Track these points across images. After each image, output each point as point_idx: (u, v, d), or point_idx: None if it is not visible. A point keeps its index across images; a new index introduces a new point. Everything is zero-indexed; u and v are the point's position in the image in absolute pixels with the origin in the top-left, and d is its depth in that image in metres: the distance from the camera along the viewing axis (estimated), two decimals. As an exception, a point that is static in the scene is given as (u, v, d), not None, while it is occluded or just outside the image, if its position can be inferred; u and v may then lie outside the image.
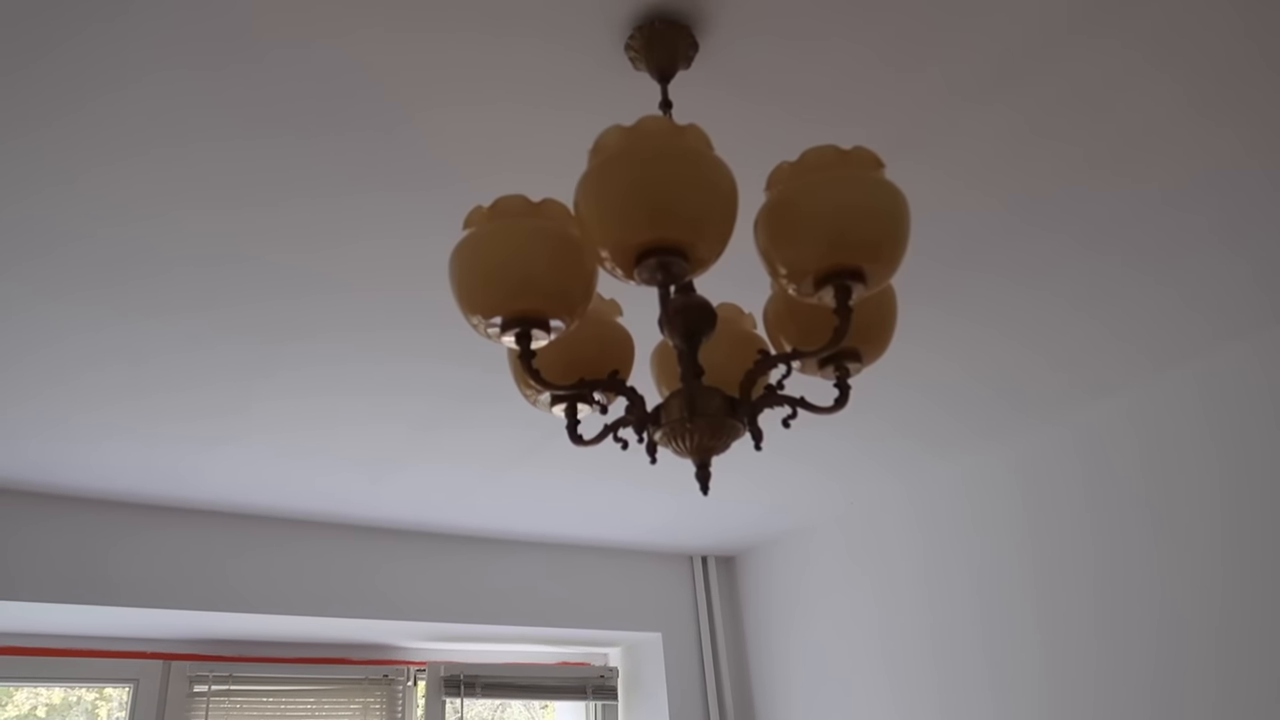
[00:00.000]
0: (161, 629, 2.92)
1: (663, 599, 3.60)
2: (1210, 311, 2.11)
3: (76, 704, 3.06)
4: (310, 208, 1.59)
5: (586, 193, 0.96)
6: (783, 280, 1.03)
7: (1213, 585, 2.25)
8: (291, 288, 1.80)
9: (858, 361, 1.16)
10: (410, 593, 3.12)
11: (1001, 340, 2.18)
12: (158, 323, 1.88)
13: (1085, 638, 2.49)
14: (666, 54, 1.28)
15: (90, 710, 3.06)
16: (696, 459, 1.06)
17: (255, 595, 2.87)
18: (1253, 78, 1.44)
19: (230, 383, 2.13)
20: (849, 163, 1.00)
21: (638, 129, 0.94)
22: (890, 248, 0.99)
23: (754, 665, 3.56)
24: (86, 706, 3.05)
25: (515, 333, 1.03)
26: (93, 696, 3.01)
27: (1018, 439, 2.75)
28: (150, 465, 2.51)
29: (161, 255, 1.68)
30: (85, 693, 3.02)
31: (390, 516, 3.03)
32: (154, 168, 1.47)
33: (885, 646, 3.05)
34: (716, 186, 0.94)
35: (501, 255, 1.01)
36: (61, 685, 2.91)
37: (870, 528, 3.19)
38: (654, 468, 2.79)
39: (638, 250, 0.94)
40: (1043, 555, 2.64)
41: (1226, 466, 2.27)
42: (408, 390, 2.22)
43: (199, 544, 2.83)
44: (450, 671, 3.33)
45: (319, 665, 3.21)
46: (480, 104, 1.39)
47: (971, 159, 1.58)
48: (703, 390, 1.05)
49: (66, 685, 2.92)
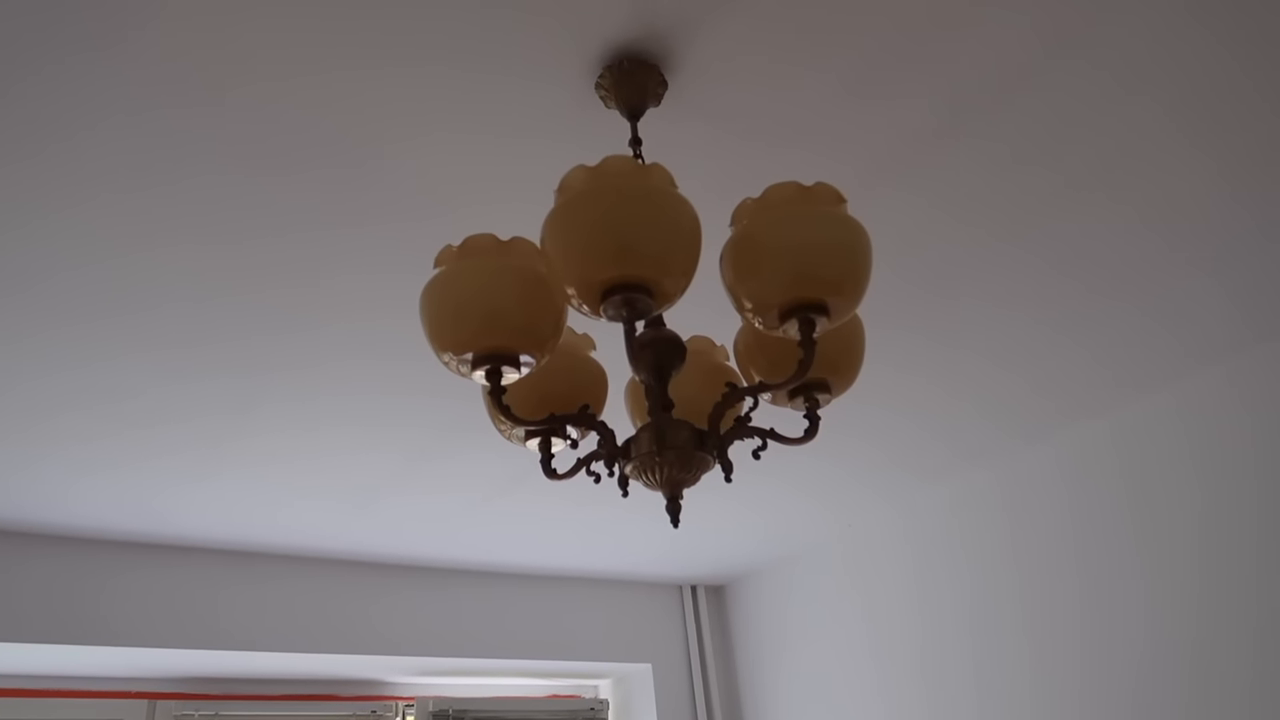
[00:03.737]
0: (146, 668, 2.90)
1: (652, 630, 3.59)
2: (1187, 336, 2.14)
3: None
4: (287, 244, 1.60)
5: (552, 231, 0.98)
6: (748, 314, 1.05)
7: (1195, 605, 2.26)
8: (271, 323, 1.81)
9: (827, 392, 1.18)
10: (398, 627, 3.10)
11: (985, 365, 2.20)
12: (136, 360, 1.88)
13: (1071, 658, 2.50)
14: (636, 92, 1.30)
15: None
16: (666, 491, 1.07)
17: (240, 632, 2.85)
18: (1229, 101, 1.47)
19: (211, 419, 2.13)
20: (811, 199, 1.02)
21: (601, 168, 0.96)
22: (852, 282, 1.01)
23: (745, 694, 3.54)
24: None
25: (486, 369, 1.04)
26: None
27: (1002, 462, 2.77)
28: (130, 502, 2.50)
29: (143, 292, 1.69)
30: None
31: (376, 550, 3.03)
32: (129, 206, 1.48)
33: (876, 672, 3.04)
34: (679, 224, 0.96)
35: (471, 293, 1.02)
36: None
37: (859, 553, 3.19)
38: (642, 499, 2.79)
39: (603, 287, 0.96)
40: (1029, 577, 2.65)
41: (1206, 487, 2.29)
42: (390, 423, 2.22)
43: (183, 581, 2.82)
44: (439, 706, 3.30)
45: (306, 702, 3.19)
46: (454, 142, 1.41)
47: (950, 188, 1.61)
48: (672, 423, 1.06)
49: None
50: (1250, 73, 1.41)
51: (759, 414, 2.28)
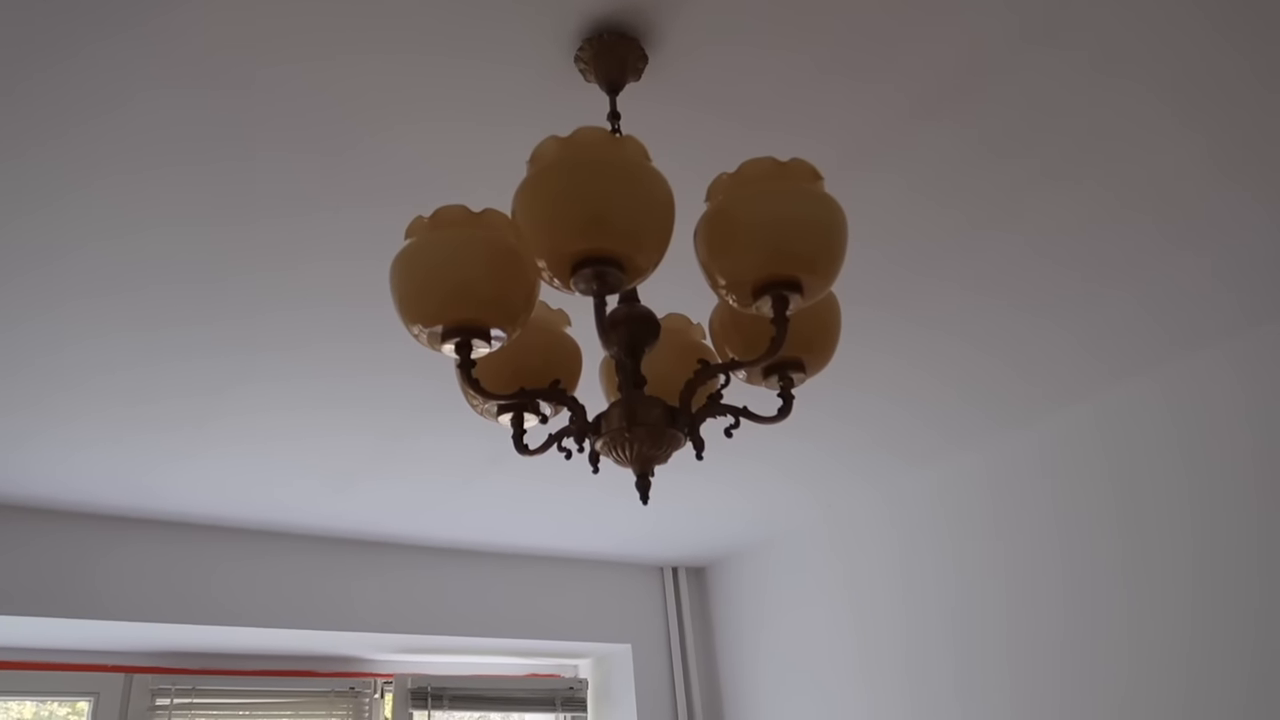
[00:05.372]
0: (123, 642, 2.89)
1: (632, 610, 3.59)
2: (1173, 320, 2.13)
3: (49, 719, 3.01)
4: (274, 226, 1.60)
5: (523, 202, 0.96)
6: (722, 291, 1.04)
7: (1180, 591, 2.27)
8: (256, 303, 1.80)
9: (801, 372, 1.17)
10: (378, 604, 3.10)
11: (969, 350, 2.20)
12: (126, 338, 1.87)
13: (1053, 644, 2.51)
14: (616, 66, 1.29)
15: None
16: (636, 468, 1.07)
17: (219, 607, 2.84)
18: (1215, 82, 1.45)
19: (195, 396, 2.12)
20: (787, 175, 1.01)
21: (574, 139, 0.95)
22: (826, 259, 1.00)
23: (724, 677, 3.55)
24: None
25: (455, 342, 1.03)
26: (65, 711, 2.96)
27: (988, 447, 2.77)
28: (113, 478, 2.49)
29: (132, 272, 1.68)
30: (57, 707, 2.97)
31: (356, 528, 3.02)
32: (116, 188, 1.48)
33: (857, 656, 3.05)
34: (652, 197, 0.95)
35: (441, 264, 1.01)
36: (19, 699, 2.87)
37: (842, 536, 3.19)
38: (623, 479, 2.78)
39: (573, 260, 0.95)
40: (1013, 562, 2.65)
41: (1193, 473, 2.29)
42: (372, 402, 2.21)
43: (162, 556, 2.80)
44: (417, 683, 3.30)
45: (284, 678, 3.18)
46: (434, 120, 1.40)
47: (931, 169, 1.60)
48: (643, 400, 1.06)
49: (24, 699, 2.88)
50: (1237, 51, 1.40)
51: (738, 394, 2.28)
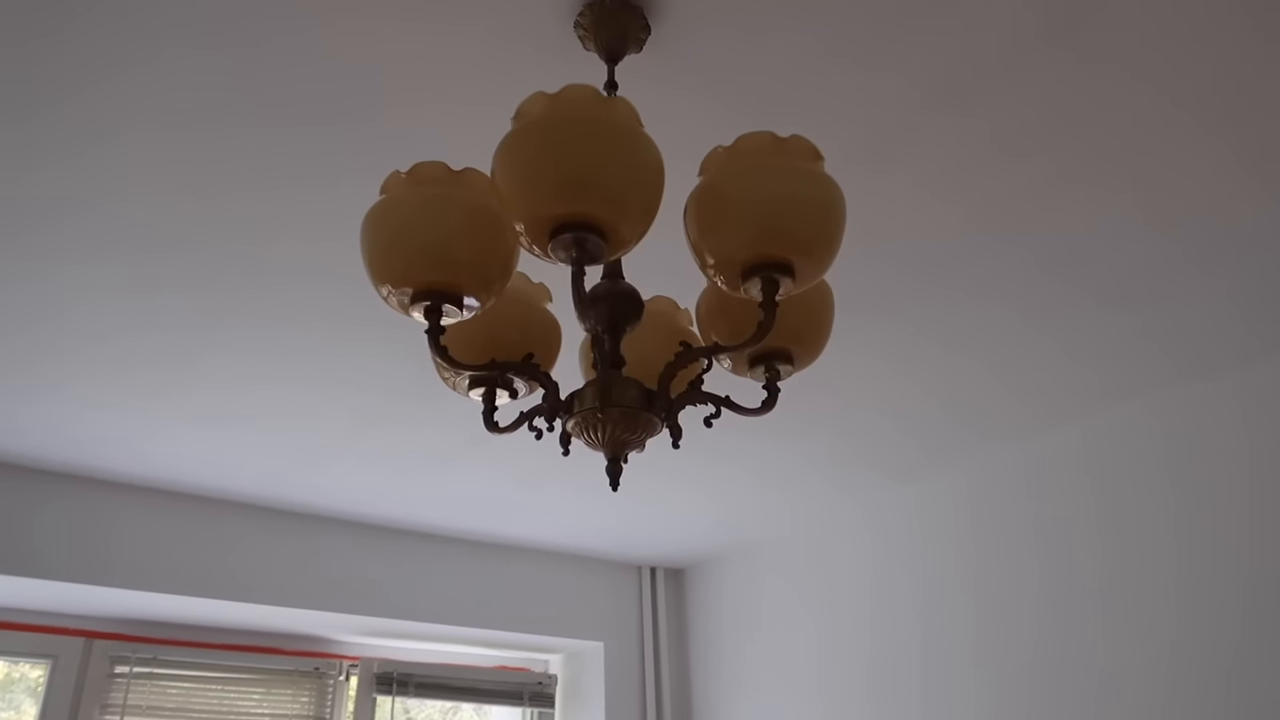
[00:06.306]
0: (84, 605, 2.82)
1: (607, 608, 3.53)
2: (1177, 345, 2.07)
3: (20, 680, 2.95)
4: (271, 199, 1.56)
5: (503, 160, 0.91)
6: (710, 271, 0.98)
7: (1158, 615, 2.21)
8: (238, 276, 1.74)
9: (789, 363, 1.11)
10: (348, 584, 3.04)
11: (960, 361, 2.14)
12: (104, 306, 1.82)
13: (1023, 668, 2.45)
14: (617, 34, 1.23)
15: (34, 688, 2.94)
16: (608, 452, 1.01)
17: (184, 577, 2.78)
18: (1243, 94, 1.40)
19: (169, 365, 2.07)
20: (785, 152, 0.96)
21: (561, 96, 0.89)
22: (822, 243, 0.95)
23: (696, 681, 3.50)
24: (30, 684, 2.94)
25: (425, 306, 0.97)
26: (38, 674, 2.89)
27: (971, 464, 2.72)
28: (81, 436, 2.42)
29: (108, 239, 1.63)
30: (29, 669, 2.90)
31: (329, 505, 2.95)
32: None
33: (826, 668, 3.00)
34: (639, 162, 0.89)
35: (415, 223, 0.95)
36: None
37: (820, 547, 3.14)
38: (602, 472, 2.73)
39: (552, 224, 0.89)
40: (988, 583, 2.60)
41: (1179, 501, 2.23)
42: (352, 382, 2.17)
43: (128, 520, 2.74)
44: (384, 668, 3.24)
45: (248, 654, 3.12)
46: (424, 93, 1.34)
47: (937, 168, 1.54)
48: (620, 380, 1.00)
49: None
50: (1267, 60, 1.34)
51: (722, 387, 2.21)
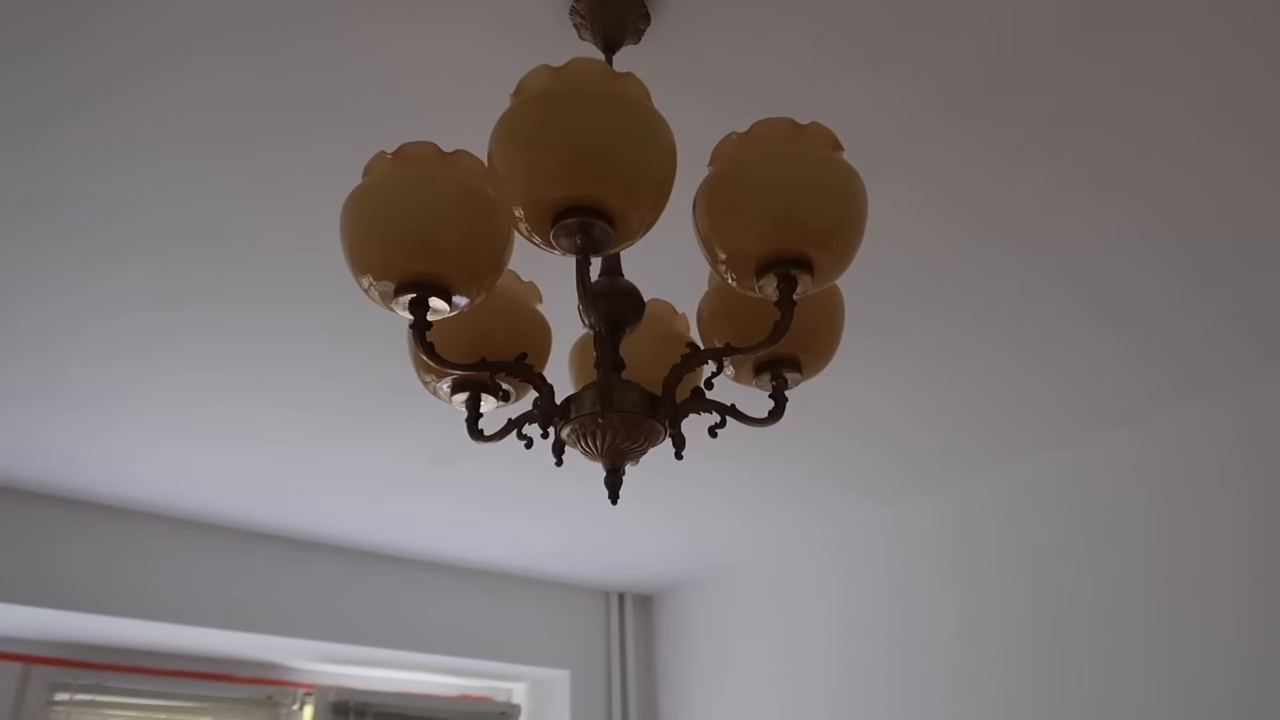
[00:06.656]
0: (20, 628, 2.66)
1: (574, 635, 3.42)
2: (1178, 367, 2.03)
3: None
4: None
5: (501, 138, 0.83)
6: (721, 267, 0.91)
7: (1150, 648, 2.16)
8: (194, 258, 1.64)
9: (796, 371, 1.04)
10: (302, 608, 2.90)
11: (948, 381, 2.08)
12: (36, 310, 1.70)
13: (1008, 696, 2.39)
14: (615, 22, 1.16)
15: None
16: (608, 462, 0.93)
17: (129, 599, 2.62)
18: (1252, 110, 1.36)
19: (114, 368, 1.95)
20: (805, 138, 0.89)
21: (567, 69, 0.82)
22: (843, 237, 0.88)
23: (664, 710, 3.39)
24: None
25: (410, 298, 0.89)
26: None
27: (954, 488, 2.66)
28: (24, 447, 2.29)
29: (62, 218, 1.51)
30: None
31: (284, 525, 2.82)
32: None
33: (801, 697, 2.91)
34: (653, 142, 0.82)
35: (396, 206, 0.87)
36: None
37: (793, 573, 3.06)
38: (573, 490, 2.63)
39: (555, 208, 0.81)
40: (968, 612, 2.54)
41: (1171, 528, 2.18)
42: (309, 400, 2.07)
43: (69, 538, 2.58)
44: (340, 697, 3.10)
45: (197, 680, 2.97)
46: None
47: (938, 179, 1.49)
48: (620, 383, 0.92)
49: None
50: (1271, 78, 1.31)
51: (723, 396, 2.13)
